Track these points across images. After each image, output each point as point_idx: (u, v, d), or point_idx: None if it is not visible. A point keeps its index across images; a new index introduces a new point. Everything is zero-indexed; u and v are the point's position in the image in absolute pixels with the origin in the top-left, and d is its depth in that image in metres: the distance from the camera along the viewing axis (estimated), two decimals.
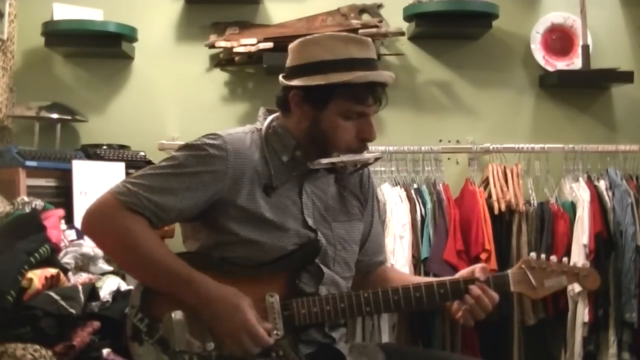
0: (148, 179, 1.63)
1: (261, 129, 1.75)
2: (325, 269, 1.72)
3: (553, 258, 1.73)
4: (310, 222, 1.73)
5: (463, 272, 1.76)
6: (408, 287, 1.69)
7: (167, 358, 1.59)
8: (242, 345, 1.57)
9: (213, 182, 1.64)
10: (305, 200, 1.74)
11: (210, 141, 1.66)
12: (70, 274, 2.04)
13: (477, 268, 1.74)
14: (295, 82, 1.69)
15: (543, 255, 1.73)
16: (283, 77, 1.74)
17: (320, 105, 1.68)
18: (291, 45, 1.76)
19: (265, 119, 1.78)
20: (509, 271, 1.74)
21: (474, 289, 1.69)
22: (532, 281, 1.71)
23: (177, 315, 1.59)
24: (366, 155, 1.77)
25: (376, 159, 1.82)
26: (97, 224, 1.63)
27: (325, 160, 1.70)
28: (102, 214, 1.62)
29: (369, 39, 1.76)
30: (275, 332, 1.62)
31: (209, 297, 1.58)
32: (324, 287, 1.71)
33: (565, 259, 1.75)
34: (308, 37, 1.75)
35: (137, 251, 1.59)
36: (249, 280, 1.64)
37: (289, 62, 1.75)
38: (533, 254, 1.74)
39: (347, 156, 1.71)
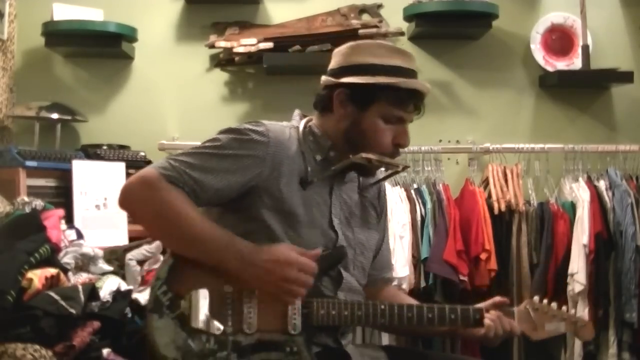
0: (190, 157, 1.66)
1: (298, 127, 1.79)
2: (345, 273, 1.74)
3: (554, 305, 1.79)
4: (335, 222, 1.76)
5: (479, 305, 1.79)
6: (422, 306, 1.73)
7: (185, 335, 1.59)
8: (297, 280, 1.60)
9: (252, 167, 1.66)
10: (334, 201, 1.78)
11: (253, 127, 1.70)
12: (70, 274, 2.04)
13: (492, 300, 1.80)
14: (344, 80, 1.73)
15: (545, 301, 1.79)
16: (328, 77, 1.78)
17: (364, 106, 1.73)
18: (338, 49, 1.81)
19: (300, 119, 1.82)
20: (515, 308, 1.79)
21: (493, 312, 1.75)
22: (534, 322, 1.77)
23: (201, 294, 1.61)
24: (397, 160, 1.82)
25: (404, 168, 1.88)
26: (139, 193, 1.64)
27: (365, 155, 1.73)
28: (144, 184, 1.63)
29: (411, 54, 1.81)
30: (291, 328, 1.64)
31: (251, 252, 1.61)
32: (342, 293, 1.74)
33: (564, 307, 1.81)
34: (357, 42, 1.81)
35: (176, 219, 1.61)
36: None
37: (334, 64, 1.79)
38: (536, 297, 1.80)
39: (380, 156, 1.75)
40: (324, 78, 1.79)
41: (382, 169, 1.86)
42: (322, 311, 1.66)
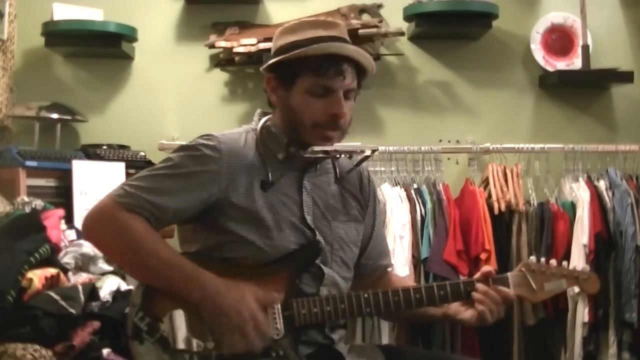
0: (145, 180, 1.65)
1: (256, 128, 1.77)
2: (325, 269, 1.72)
3: (553, 261, 1.72)
4: (309, 219, 1.73)
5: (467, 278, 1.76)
6: (408, 288, 1.70)
7: (168, 357, 1.58)
8: (248, 338, 1.57)
9: (208, 183, 1.65)
10: (305, 198, 1.74)
11: (205, 142, 1.68)
12: (70, 274, 2.04)
13: (480, 272, 1.75)
14: (265, 66, 1.74)
15: (543, 259, 1.72)
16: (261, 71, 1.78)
17: (289, 85, 1.70)
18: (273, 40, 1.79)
19: (260, 119, 1.79)
20: (509, 273, 1.74)
21: (480, 285, 1.70)
22: (532, 284, 1.70)
23: (178, 314, 1.60)
24: (360, 145, 1.76)
25: (373, 151, 1.80)
26: (97, 225, 1.63)
27: (318, 148, 1.70)
28: (102, 216, 1.62)
29: (340, 22, 1.78)
30: (275, 332, 1.62)
31: (215, 290, 1.58)
32: (325, 288, 1.71)
33: (564, 263, 1.75)
34: (283, 25, 1.78)
35: (140, 249, 1.60)
36: (249, 281, 1.64)
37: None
38: (533, 257, 1.74)
39: (341, 145, 1.71)
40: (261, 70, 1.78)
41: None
42: (304, 310, 1.64)
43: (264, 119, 1.78)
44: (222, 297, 1.58)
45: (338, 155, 1.75)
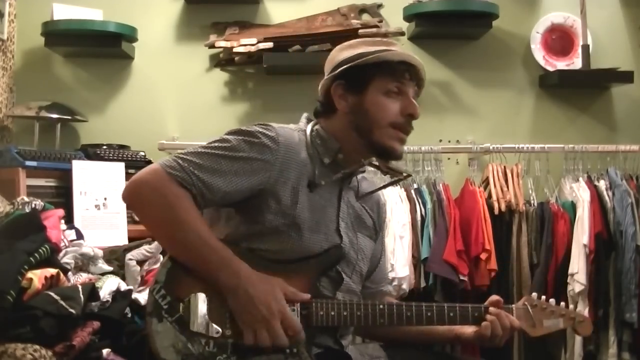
0: (199, 157, 1.63)
1: (305, 130, 1.78)
2: (345, 276, 1.74)
3: (552, 301, 1.80)
4: (342, 225, 1.76)
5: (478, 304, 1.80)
6: (421, 305, 1.73)
7: (184, 338, 1.58)
8: (274, 332, 1.58)
9: (261, 171, 1.65)
10: (342, 205, 1.78)
11: (264, 130, 1.68)
12: (70, 274, 2.04)
13: (489, 300, 1.80)
14: (335, 73, 1.75)
15: (543, 297, 1.80)
16: (323, 81, 1.80)
17: (362, 89, 1.73)
18: (327, 59, 1.83)
19: (307, 123, 1.81)
20: (514, 305, 1.79)
21: (493, 309, 1.75)
22: (533, 319, 1.77)
23: (200, 297, 1.60)
24: (402, 166, 1.84)
25: (408, 175, 1.88)
26: (143, 193, 1.62)
27: (374, 162, 1.78)
28: (150, 183, 1.61)
29: (397, 42, 1.84)
30: (284, 344, 1.62)
31: (249, 280, 1.59)
32: (341, 294, 1.73)
33: (562, 303, 1.82)
34: (340, 44, 1.82)
35: (184, 224, 1.59)
36: (273, 275, 1.64)
37: (326, 71, 1.80)
38: (534, 294, 1.81)
39: (388, 164, 1.79)
40: (319, 85, 1.80)
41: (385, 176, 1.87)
42: (321, 312, 1.66)
43: (311, 123, 1.80)
44: (254, 288, 1.58)
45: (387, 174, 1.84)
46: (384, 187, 1.95)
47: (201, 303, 1.60)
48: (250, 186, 1.65)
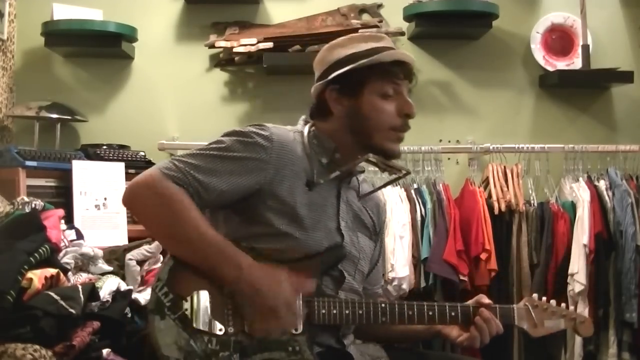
0: (194, 158, 1.66)
1: (302, 131, 1.78)
2: (347, 275, 1.75)
3: (553, 302, 1.81)
4: (342, 224, 1.77)
5: (471, 301, 1.81)
6: (423, 304, 1.74)
7: (187, 336, 1.58)
8: (280, 320, 1.59)
9: (256, 170, 1.66)
10: (342, 204, 1.78)
11: (258, 130, 1.69)
12: (70, 274, 2.04)
13: (482, 296, 1.80)
14: (328, 78, 1.75)
15: (544, 298, 1.81)
16: (315, 85, 1.79)
17: (357, 92, 1.73)
18: (316, 59, 1.83)
19: (304, 125, 1.82)
20: (515, 305, 1.80)
21: (485, 311, 1.75)
22: (534, 319, 1.78)
23: (202, 294, 1.61)
24: (398, 164, 1.85)
25: (407, 173, 1.89)
26: (141, 193, 1.64)
27: (371, 158, 1.78)
28: (148, 184, 1.63)
29: (386, 35, 1.84)
30: (294, 327, 1.63)
31: (252, 271, 1.60)
32: (343, 293, 1.74)
33: (563, 304, 1.82)
34: (328, 43, 1.82)
35: (183, 221, 1.61)
36: None
37: (317, 72, 1.80)
38: (535, 295, 1.82)
39: (384, 159, 1.80)
40: (312, 89, 1.80)
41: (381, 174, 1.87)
42: (323, 310, 1.66)
43: (308, 125, 1.81)
44: (258, 279, 1.60)
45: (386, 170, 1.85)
46: (384, 185, 1.96)
47: (204, 300, 1.60)
48: (246, 185, 1.66)
